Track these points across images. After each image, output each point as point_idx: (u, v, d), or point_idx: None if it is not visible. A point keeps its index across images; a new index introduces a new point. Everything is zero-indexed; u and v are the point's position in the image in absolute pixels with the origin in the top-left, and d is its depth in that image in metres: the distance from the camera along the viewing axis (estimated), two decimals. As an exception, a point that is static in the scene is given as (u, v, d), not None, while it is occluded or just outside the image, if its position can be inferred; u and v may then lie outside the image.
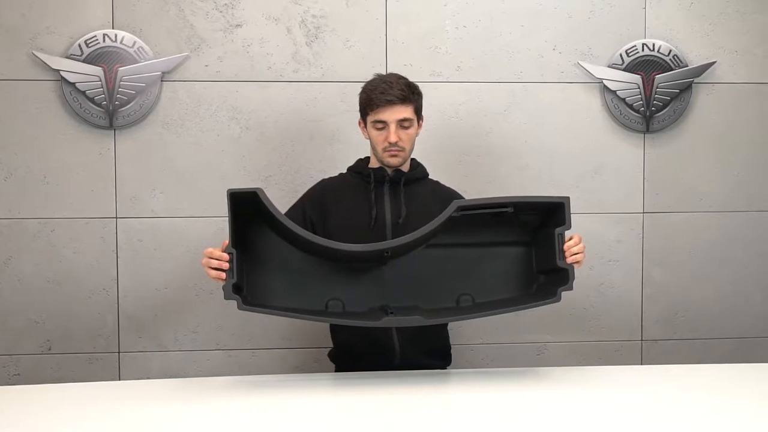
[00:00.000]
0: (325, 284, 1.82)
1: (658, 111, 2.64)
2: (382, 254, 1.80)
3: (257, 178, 2.54)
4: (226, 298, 1.66)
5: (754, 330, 2.73)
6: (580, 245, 1.80)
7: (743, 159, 2.70)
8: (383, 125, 1.89)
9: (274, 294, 1.79)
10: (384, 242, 1.79)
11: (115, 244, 2.52)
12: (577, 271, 2.61)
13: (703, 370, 2.05)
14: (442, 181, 2.15)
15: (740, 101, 2.68)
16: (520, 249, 1.87)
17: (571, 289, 1.75)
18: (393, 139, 1.87)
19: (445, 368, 2.05)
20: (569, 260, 1.77)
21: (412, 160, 2.04)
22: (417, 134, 1.97)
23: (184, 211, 2.53)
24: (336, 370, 2.03)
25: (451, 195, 2.03)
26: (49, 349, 2.52)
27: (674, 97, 2.63)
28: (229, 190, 1.67)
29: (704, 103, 2.67)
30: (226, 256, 1.67)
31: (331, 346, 2.06)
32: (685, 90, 2.64)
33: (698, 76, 2.64)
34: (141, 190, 2.52)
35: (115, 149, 2.50)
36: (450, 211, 1.74)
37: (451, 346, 2.10)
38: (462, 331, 2.64)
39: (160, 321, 2.55)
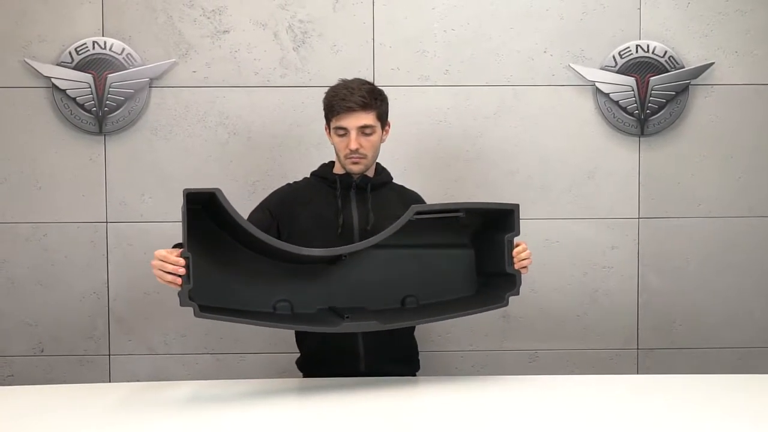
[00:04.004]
0: (272, 285, 1.80)
1: (653, 114, 2.57)
2: (340, 258, 1.80)
3: (244, 183, 2.55)
4: (182, 305, 1.60)
5: (754, 340, 2.63)
6: (527, 251, 1.83)
7: (745, 163, 2.61)
8: (344, 132, 1.88)
9: (221, 295, 1.75)
10: (343, 247, 1.77)
11: (105, 248, 2.56)
12: (571, 277, 2.62)
13: (701, 380, 1.98)
14: (431, 186, 2.14)
15: (740, 103, 2.60)
16: (461, 251, 1.89)
17: (517, 294, 1.78)
18: (353, 146, 1.85)
19: (413, 375, 2.02)
20: (517, 266, 1.79)
21: (377, 164, 2.02)
22: (383, 140, 1.95)
23: (172, 216, 2.53)
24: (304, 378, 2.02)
25: (415, 199, 2.04)
26: (42, 351, 2.57)
27: (670, 100, 2.56)
28: (185, 189, 1.60)
29: (702, 105, 2.60)
30: (182, 261, 1.59)
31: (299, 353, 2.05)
32: (681, 92, 2.56)
33: (695, 78, 2.56)
34: (130, 195, 2.55)
35: (105, 155, 2.54)
36: (408, 215, 1.73)
37: (419, 351, 2.07)
38: (450, 338, 2.62)
39: (149, 324, 2.58)
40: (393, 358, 1.95)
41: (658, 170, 2.61)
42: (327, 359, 1.93)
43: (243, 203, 2.39)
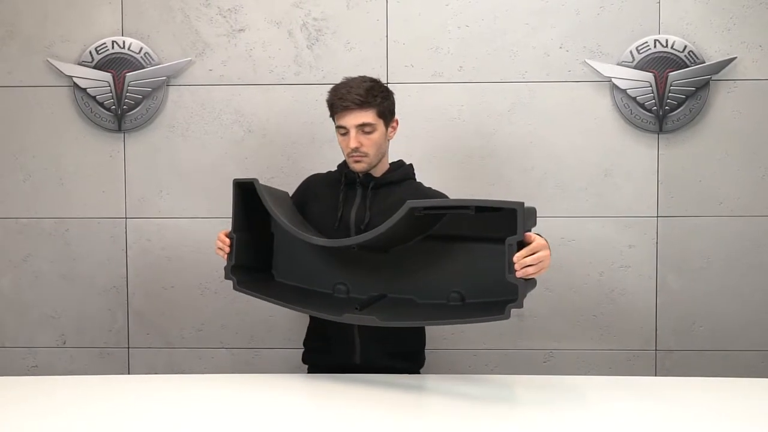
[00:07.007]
0: (335, 269, 1.90)
1: (672, 110, 2.51)
2: (350, 248, 1.82)
3: (259, 180, 2.56)
4: (226, 278, 1.88)
5: (777, 343, 2.56)
6: (535, 256, 1.54)
7: (768, 160, 2.54)
8: (345, 131, 1.88)
9: (292, 274, 1.95)
10: (348, 239, 1.80)
11: (124, 244, 2.61)
12: (587, 276, 2.57)
13: (722, 383, 1.92)
14: (445, 184, 2.11)
15: (765, 98, 2.52)
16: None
17: (520, 306, 1.55)
18: (353, 144, 1.86)
19: (416, 371, 2.01)
20: (519, 274, 1.54)
21: (394, 162, 2.02)
22: (390, 137, 1.95)
23: (189, 212, 2.60)
24: (308, 371, 2.04)
25: (427, 196, 1.97)
26: (64, 343, 2.64)
27: (690, 96, 2.50)
28: (234, 179, 1.91)
29: (724, 101, 2.53)
30: (227, 240, 1.86)
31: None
32: (701, 88, 2.50)
33: (716, 73, 2.50)
34: (149, 191, 2.61)
35: (125, 152, 2.60)
36: (402, 212, 1.66)
37: (431, 349, 2.06)
38: (464, 336, 2.60)
39: (166, 318, 2.63)
40: (392, 352, 1.94)
41: (677, 168, 2.55)
42: (324, 349, 1.96)
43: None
